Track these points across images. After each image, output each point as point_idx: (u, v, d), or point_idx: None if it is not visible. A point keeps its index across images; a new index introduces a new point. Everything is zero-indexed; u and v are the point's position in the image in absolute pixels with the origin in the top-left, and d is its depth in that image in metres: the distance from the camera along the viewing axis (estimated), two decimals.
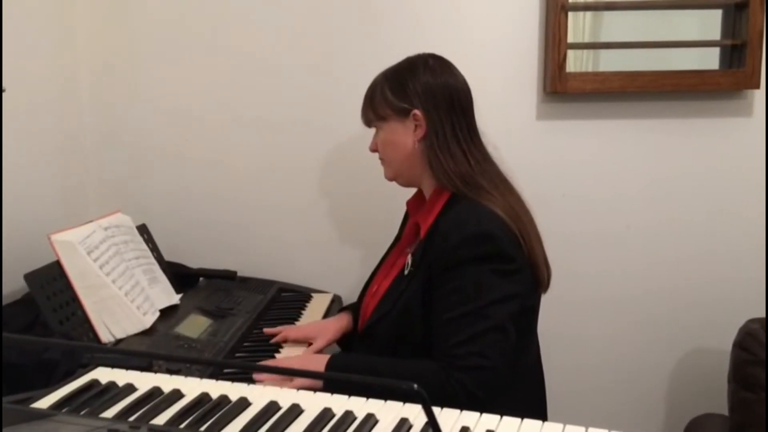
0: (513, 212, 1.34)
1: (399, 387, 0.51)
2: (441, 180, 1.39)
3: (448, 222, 1.34)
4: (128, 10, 1.91)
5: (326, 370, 1.32)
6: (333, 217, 1.98)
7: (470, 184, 1.36)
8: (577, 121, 1.91)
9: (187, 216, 1.99)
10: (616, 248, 1.96)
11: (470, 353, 1.25)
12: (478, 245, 1.29)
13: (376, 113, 1.45)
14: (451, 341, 1.26)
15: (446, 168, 1.37)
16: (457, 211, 1.34)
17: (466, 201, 1.35)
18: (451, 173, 1.37)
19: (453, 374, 1.24)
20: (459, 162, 1.37)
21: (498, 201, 1.34)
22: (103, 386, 1.00)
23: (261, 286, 1.85)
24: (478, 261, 1.28)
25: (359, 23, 1.89)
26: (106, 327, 1.38)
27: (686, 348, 1.99)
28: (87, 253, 1.39)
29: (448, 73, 1.43)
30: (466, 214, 1.33)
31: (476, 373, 1.24)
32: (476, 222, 1.30)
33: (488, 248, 1.29)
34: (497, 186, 1.38)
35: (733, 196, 1.92)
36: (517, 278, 1.31)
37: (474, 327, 1.25)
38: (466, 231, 1.30)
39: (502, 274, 1.29)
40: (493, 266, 1.28)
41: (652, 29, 1.89)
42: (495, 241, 1.29)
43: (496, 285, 1.28)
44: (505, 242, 1.30)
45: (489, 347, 1.25)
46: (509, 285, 1.29)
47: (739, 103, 1.89)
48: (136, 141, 1.97)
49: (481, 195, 1.35)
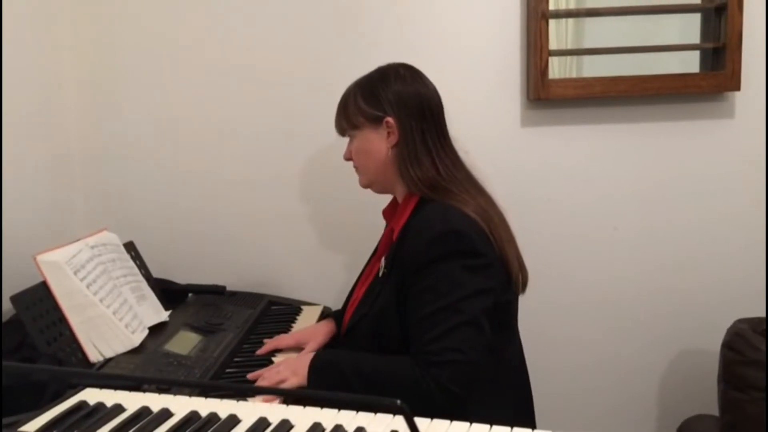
0: (483, 212, 1.36)
1: (382, 403, 0.51)
2: (410, 187, 1.42)
3: (417, 222, 1.37)
4: (113, 25, 1.91)
5: (310, 368, 1.34)
6: (321, 228, 1.98)
7: (438, 189, 1.39)
8: (561, 127, 1.93)
9: (174, 231, 1.98)
10: (603, 251, 1.97)
11: (444, 348, 1.26)
12: (447, 243, 1.30)
13: (350, 122, 1.47)
14: (425, 338, 1.28)
15: (413, 175, 1.40)
16: (425, 212, 1.37)
17: (435, 203, 1.37)
18: (418, 180, 1.40)
19: (428, 370, 1.25)
20: (426, 169, 1.40)
21: (467, 202, 1.36)
22: (91, 407, 1.00)
23: (250, 299, 1.84)
24: (448, 258, 1.30)
25: (343, 33, 1.89)
26: (94, 346, 1.37)
27: (676, 350, 2.00)
28: (74, 272, 1.38)
29: (419, 82, 1.45)
30: (434, 213, 1.35)
31: (450, 367, 1.25)
32: (445, 221, 1.32)
33: (457, 245, 1.30)
34: (467, 190, 1.40)
35: (717, 197, 1.94)
36: (488, 273, 1.32)
37: (447, 323, 1.27)
38: (434, 230, 1.32)
39: (473, 270, 1.30)
40: (463, 262, 1.30)
41: (634, 34, 1.91)
42: (464, 238, 1.30)
43: (467, 280, 1.29)
44: (473, 238, 1.31)
45: (463, 342, 1.27)
46: (481, 280, 1.31)
47: (720, 105, 1.91)
48: (123, 157, 1.96)
49: (449, 197, 1.37)
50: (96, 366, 1.36)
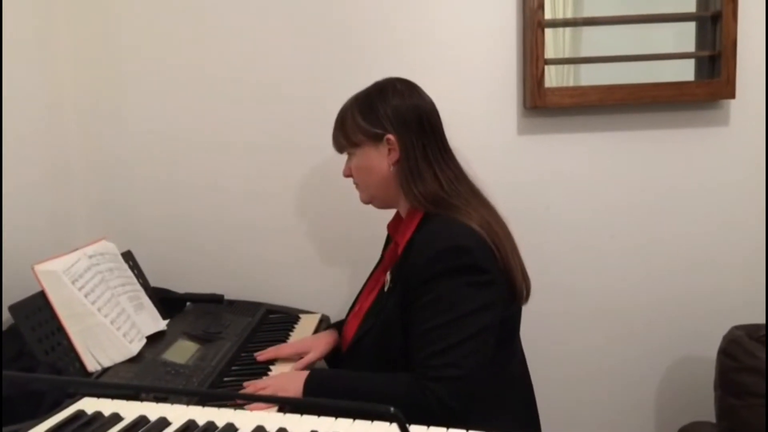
0: (487, 225, 1.35)
1: (376, 410, 0.52)
2: (413, 203, 1.42)
3: (422, 237, 1.36)
4: (112, 36, 1.92)
5: (305, 387, 1.34)
6: (319, 237, 1.99)
7: (441, 204, 1.39)
8: (558, 135, 1.93)
9: (173, 241, 1.99)
10: (600, 259, 1.97)
11: (445, 364, 1.26)
12: (452, 258, 1.30)
13: (349, 140, 1.46)
14: (426, 352, 1.28)
15: (416, 191, 1.40)
16: (429, 227, 1.37)
17: (440, 217, 1.37)
18: (421, 196, 1.39)
19: (427, 385, 1.25)
20: (429, 184, 1.40)
21: (471, 216, 1.35)
22: (89, 416, 1.00)
23: (248, 308, 1.85)
24: (452, 274, 1.30)
25: (340, 45, 1.90)
26: (92, 356, 1.38)
27: (672, 357, 2.00)
28: (71, 282, 1.39)
29: (417, 96, 1.45)
30: (439, 228, 1.35)
31: (450, 383, 1.25)
32: (449, 236, 1.32)
33: (462, 261, 1.30)
34: (470, 202, 1.40)
35: (713, 204, 1.94)
36: (492, 289, 1.32)
37: (448, 338, 1.27)
38: (439, 245, 1.32)
39: (476, 286, 1.30)
40: (467, 278, 1.30)
41: (630, 43, 1.92)
42: (468, 254, 1.30)
43: (470, 296, 1.29)
44: (478, 254, 1.31)
45: (464, 358, 1.26)
46: (484, 296, 1.31)
47: (715, 113, 1.92)
48: (123, 167, 1.97)
49: (453, 212, 1.37)
50: (94, 375, 1.36)
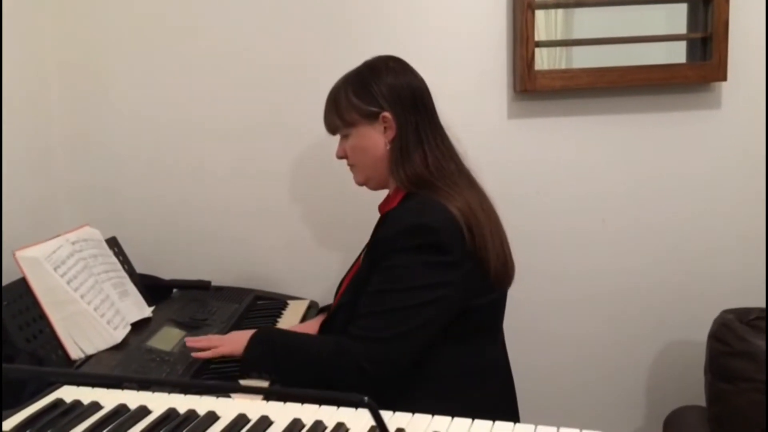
0: (467, 208, 1.33)
1: (348, 398, 0.50)
2: (397, 182, 1.42)
3: (395, 212, 1.37)
4: (97, 19, 1.89)
5: (249, 341, 1.36)
6: (307, 223, 1.97)
7: (425, 185, 1.37)
8: (549, 119, 1.91)
9: (159, 227, 1.96)
10: (591, 244, 1.96)
11: (370, 326, 1.29)
12: (416, 236, 1.30)
13: (343, 119, 1.44)
14: (360, 313, 1.31)
15: (401, 172, 1.39)
16: (406, 204, 1.37)
17: (419, 196, 1.37)
18: (405, 177, 1.39)
19: (347, 343, 1.28)
20: (416, 165, 1.38)
21: (452, 198, 1.34)
22: (68, 405, 0.98)
23: (236, 294, 1.83)
24: (412, 251, 1.30)
25: (329, 25, 1.88)
26: (75, 343, 1.36)
27: (663, 341, 1.99)
28: (54, 268, 1.36)
29: (410, 74, 1.44)
30: (412, 206, 1.36)
31: (369, 344, 1.27)
32: (418, 214, 1.32)
33: (425, 239, 1.29)
34: (456, 183, 1.38)
35: (704, 187, 1.93)
36: (452, 271, 1.30)
37: (384, 304, 1.29)
38: (407, 221, 1.32)
39: (433, 266, 1.30)
40: (426, 257, 1.29)
41: (622, 25, 1.90)
42: (433, 234, 1.29)
43: (423, 274, 1.29)
44: (443, 235, 1.29)
45: (391, 324, 1.28)
46: (439, 275, 1.30)
47: (707, 95, 1.90)
48: (108, 152, 1.94)
49: (435, 192, 1.35)
50: (77, 363, 1.34)
